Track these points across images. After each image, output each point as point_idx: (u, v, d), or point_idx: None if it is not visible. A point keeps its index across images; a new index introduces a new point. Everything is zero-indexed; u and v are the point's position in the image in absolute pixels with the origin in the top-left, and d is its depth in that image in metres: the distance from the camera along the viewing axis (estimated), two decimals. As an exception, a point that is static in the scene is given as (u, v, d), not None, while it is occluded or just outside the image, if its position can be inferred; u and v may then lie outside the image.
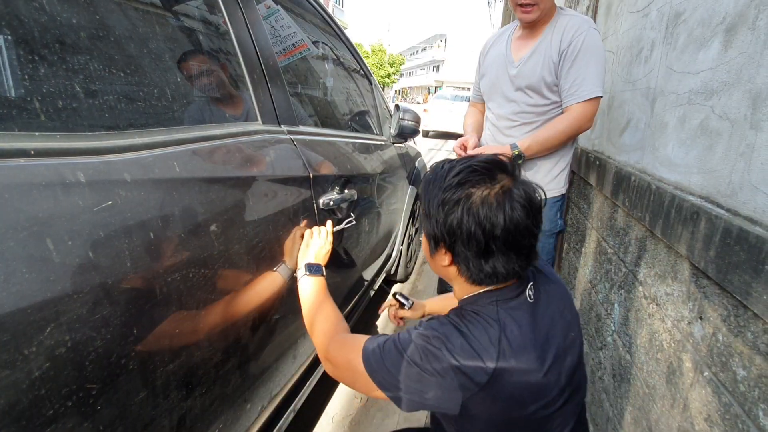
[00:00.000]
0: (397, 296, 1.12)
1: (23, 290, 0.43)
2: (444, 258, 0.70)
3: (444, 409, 0.64)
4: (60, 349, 0.46)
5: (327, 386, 1.59)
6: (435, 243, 0.70)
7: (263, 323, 0.86)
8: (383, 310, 1.15)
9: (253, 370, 0.85)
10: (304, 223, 0.97)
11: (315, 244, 0.97)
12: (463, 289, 0.72)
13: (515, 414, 0.64)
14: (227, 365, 0.75)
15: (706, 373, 0.78)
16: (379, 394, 0.67)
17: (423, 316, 1.11)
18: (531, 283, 0.72)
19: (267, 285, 0.86)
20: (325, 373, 0.90)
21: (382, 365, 0.66)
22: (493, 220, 0.63)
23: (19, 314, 0.42)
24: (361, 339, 0.71)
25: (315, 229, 1.00)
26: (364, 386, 0.69)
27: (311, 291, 0.89)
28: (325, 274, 0.94)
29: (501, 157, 0.70)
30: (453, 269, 0.71)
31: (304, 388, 1.11)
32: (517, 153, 1.31)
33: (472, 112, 1.67)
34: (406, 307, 1.10)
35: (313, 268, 0.92)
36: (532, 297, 0.70)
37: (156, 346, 0.59)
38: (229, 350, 0.75)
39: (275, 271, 0.88)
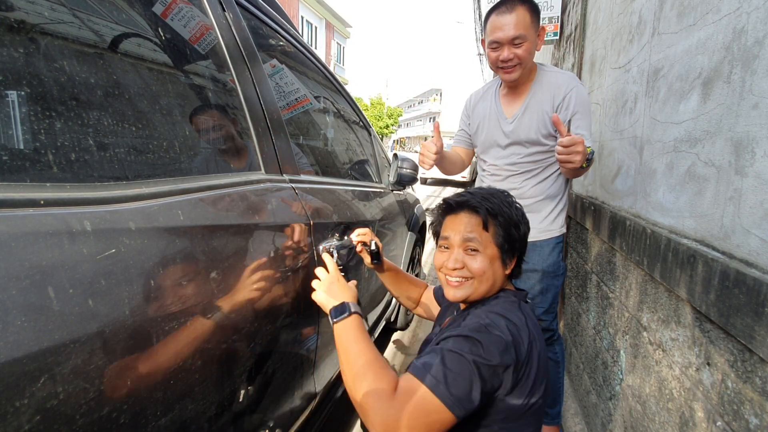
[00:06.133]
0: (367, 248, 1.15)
1: (20, 339, 0.42)
2: (512, 262, 0.89)
3: (502, 392, 0.72)
4: (52, 402, 0.44)
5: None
6: (512, 254, 0.88)
7: (260, 374, 0.84)
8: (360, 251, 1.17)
9: (246, 427, 0.81)
10: (303, 269, 0.97)
11: (326, 283, 0.92)
12: (493, 289, 0.87)
13: (534, 398, 0.74)
14: (221, 420, 0.72)
15: (719, 423, 0.75)
16: (449, 417, 0.67)
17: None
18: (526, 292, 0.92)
19: (262, 335, 0.85)
20: None
21: (452, 378, 0.68)
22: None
23: (15, 364, 0.41)
24: (411, 382, 0.69)
25: (317, 271, 0.96)
26: (437, 421, 0.67)
27: (340, 339, 0.83)
28: (353, 310, 0.86)
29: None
30: (504, 273, 0.88)
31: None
32: (590, 150, 1.22)
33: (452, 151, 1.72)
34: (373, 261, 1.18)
35: (336, 311, 0.87)
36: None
37: (150, 399, 0.57)
38: (224, 403, 0.73)
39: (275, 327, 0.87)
